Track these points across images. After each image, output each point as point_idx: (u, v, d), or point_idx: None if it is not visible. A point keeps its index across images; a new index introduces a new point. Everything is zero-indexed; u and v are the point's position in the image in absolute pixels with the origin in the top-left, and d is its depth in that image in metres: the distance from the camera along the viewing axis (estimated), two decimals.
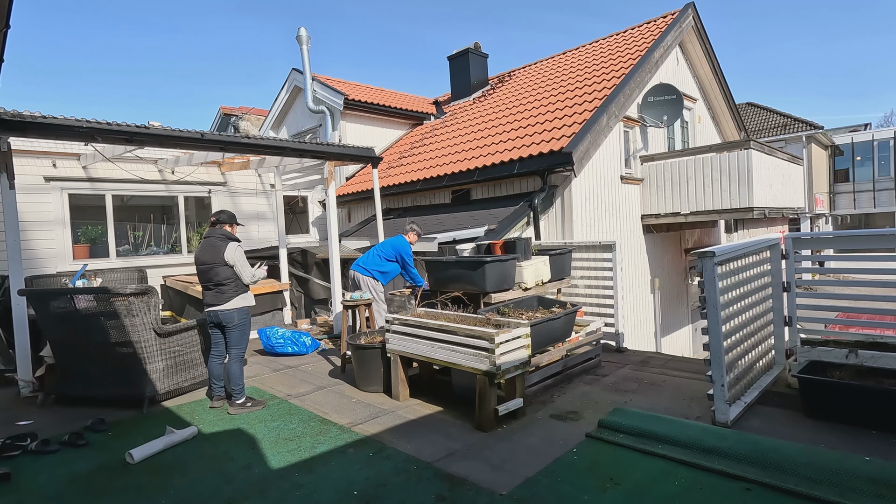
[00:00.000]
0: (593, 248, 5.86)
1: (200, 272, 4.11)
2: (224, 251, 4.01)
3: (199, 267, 4.10)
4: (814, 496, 2.39)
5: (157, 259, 8.45)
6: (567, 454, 3.03)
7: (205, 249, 4.08)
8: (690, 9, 9.88)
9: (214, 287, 4.06)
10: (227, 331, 4.13)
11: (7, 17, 2.64)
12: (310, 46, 11.10)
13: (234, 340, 4.14)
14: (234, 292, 4.08)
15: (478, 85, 12.97)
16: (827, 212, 22.36)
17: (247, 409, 4.05)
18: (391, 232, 8.16)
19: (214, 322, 4.14)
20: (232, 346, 4.15)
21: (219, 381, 4.23)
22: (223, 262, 4.01)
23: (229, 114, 18.33)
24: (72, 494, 2.83)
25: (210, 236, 4.13)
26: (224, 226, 4.20)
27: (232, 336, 4.13)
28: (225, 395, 4.21)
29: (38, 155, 7.38)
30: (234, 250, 4.06)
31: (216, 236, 4.11)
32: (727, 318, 3.46)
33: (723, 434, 3.05)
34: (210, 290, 4.08)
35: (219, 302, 4.05)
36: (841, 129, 26.45)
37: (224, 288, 4.04)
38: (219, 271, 4.02)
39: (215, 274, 4.02)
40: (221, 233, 4.14)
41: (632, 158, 8.65)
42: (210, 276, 4.04)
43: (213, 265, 4.02)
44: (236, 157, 8.26)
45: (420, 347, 3.93)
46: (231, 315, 4.07)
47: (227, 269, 4.04)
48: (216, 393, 4.22)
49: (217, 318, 4.10)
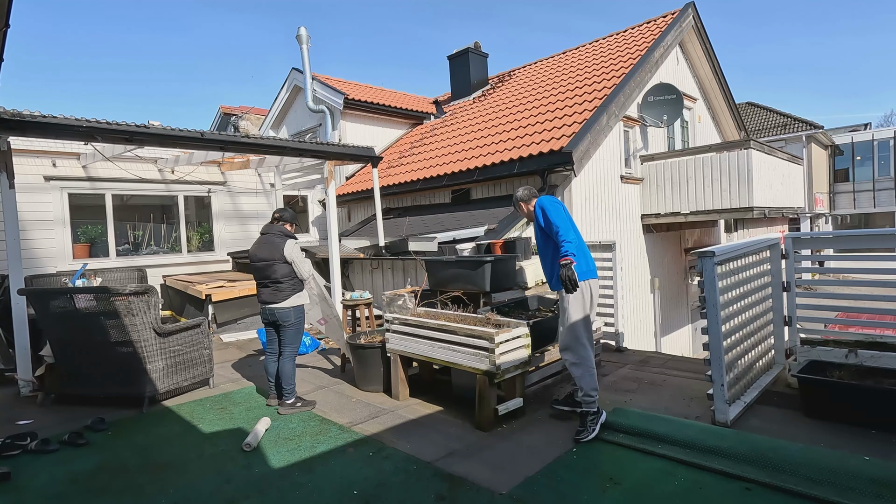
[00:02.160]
0: (593, 247, 5.83)
1: (257, 269, 4.04)
2: (283, 248, 3.97)
3: (255, 264, 4.04)
4: (814, 496, 2.39)
5: (156, 259, 8.46)
6: (567, 454, 3.03)
7: (262, 246, 4.02)
8: (690, 8, 9.88)
9: (272, 284, 4.00)
10: (282, 329, 4.08)
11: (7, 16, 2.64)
12: (310, 46, 11.10)
13: (288, 339, 4.08)
14: (290, 290, 4.03)
15: (478, 84, 12.97)
16: (827, 212, 22.36)
17: (297, 409, 3.98)
18: (391, 232, 8.16)
19: (270, 320, 4.10)
20: (286, 345, 4.09)
21: (270, 379, 4.19)
22: (282, 258, 3.96)
23: (229, 113, 18.33)
24: (72, 494, 2.83)
25: (268, 233, 4.07)
26: (285, 224, 4.16)
27: (287, 334, 4.08)
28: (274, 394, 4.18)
29: (37, 154, 7.39)
30: (293, 247, 4.02)
31: (274, 233, 4.05)
32: (727, 318, 3.46)
33: (722, 434, 3.05)
34: (267, 288, 4.02)
35: (276, 300, 4.00)
36: (841, 129, 26.45)
37: (281, 286, 3.99)
38: (277, 268, 3.96)
39: (273, 271, 3.97)
40: (280, 230, 4.08)
41: (632, 158, 8.65)
42: (268, 273, 3.98)
43: (272, 262, 3.96)
44: (236, 157, 8.26)
45: (420, 347, 3.93)
46: (288, 313, 4.03)
47: (285, 266, 3.98)
48: (271, 391, 4.19)
49: (273, 316, 4.04)
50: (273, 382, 4.19)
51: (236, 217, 9.24)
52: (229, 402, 4.30)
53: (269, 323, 4.15)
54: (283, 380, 4.04)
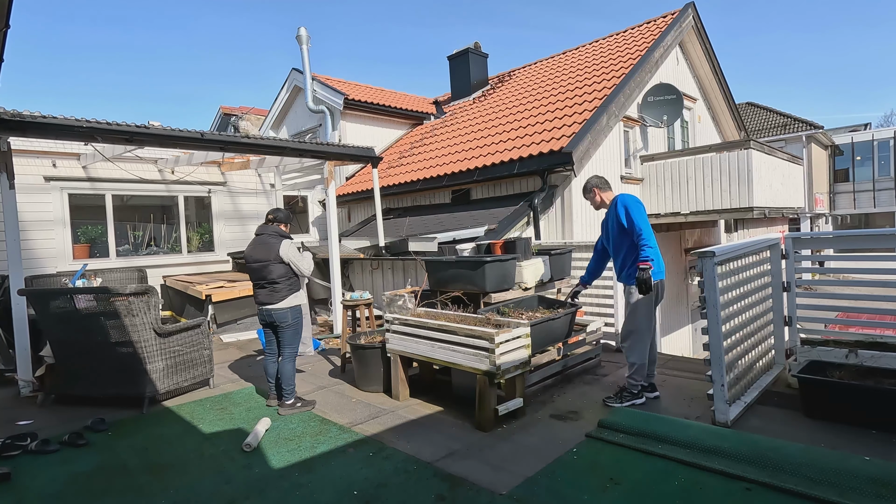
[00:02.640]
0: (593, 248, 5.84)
1: (253, 270, 4.04)
2: (279, 248, 3.97)
3: (251, 265, 4.03)
4: (814, 496, 2.39)
5: (157, 259, 8.46)
6: (567, 454, 3.03)
7: (257, 247, 4.03)
8: (690, 8, 9.88)
9: (268, 285, 3.99)
10: (280, 330, 4.08)
11: (7, 17, 2.64)
12: (310, 46, 11.10)
13: (287, 339, 4.09)
14: (287, 291, 4.02)
15: (478, 85, 12.97)
16: (827, 212, 22.36)
17: (297, 409, 3.99)
18: (391, 232, 8.16)
19: (267, 321, 4.10)
20: (285, 346, 4.10)
21: (270, 380, 4.21)
22: (278, 259, 3.96)
23: (229, 114, 18.33)
24: (72, 494, 2.83)
25: (262, 233, 4.08)
26: (280, 224, 4.17)
27: (285, 335, 4.08)
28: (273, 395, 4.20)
29: (38, 155, 7.39)
30: (289, 247, 4.02)
31: (269, 233, 4.06)
32: (727, 318, 3.46)
33: (723, 434, 3.05)
34: (264, 289, 4.02)
35: (272, 300, 4.00)
36: (841, 129, 26.46)
37: (278, 286, 3.99)
38: (272, 269, 3.96)
39: (269, 272, 3.97)
40: (274, 230, 4.09)
41: (632, 158, 8.65)
42: (263, 274, 3.98)
43: (267, 262, 3.96)
44: (236, 157, 8.26)
45: (420, 347, 3.93)
46: (285, 314, 4.03)
47: (281, 266, 3.98)
48: (271, 392, 4.21)
49: (270, 317, 4.04)
50: (273, 383, 4.20)
51: (236, 217, 9.24)
52: (229, 402, 4.30)
53: (266, 324, 4.15)
54: (282, 381, 4.04)
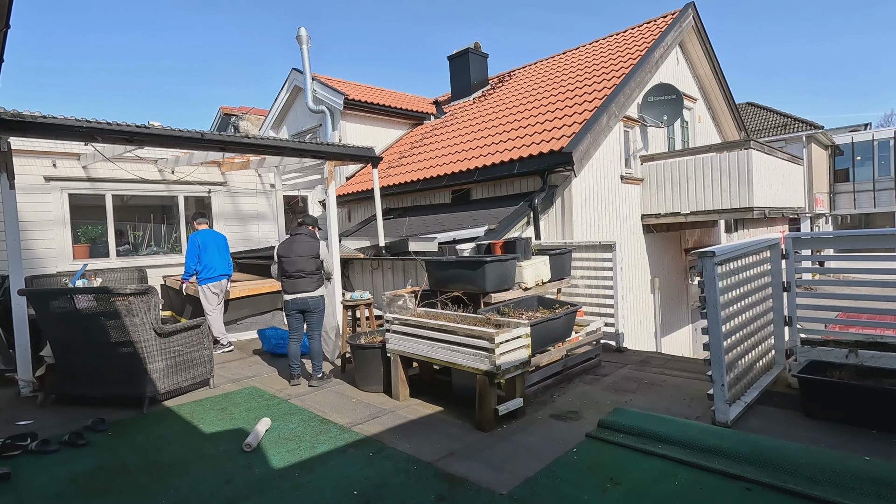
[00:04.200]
0: (593, 247, 5.86)
1: (291, 262, 4.69)
2: (319, 248, 4.80)
3: (290, 258, 4.69)
4: (814, 496, 2.39)
5: (157, 259, 8.45)
6: (567, 454, 3.03)
7: (299, 244, 4.74)
8: (690, 8, 9.88)
9: (307, 276, 4.72)
10: (310, 315, 4.81)
11: (7, 17, 2.64)
12: (310, 46, 11.10)
13: (315, 323, 4.85)
14: (319, 282, 4.83)
15: (478, 85, 12.96)
16: (827, 212, 22.36)
17: (324, 382, 4.69)
18: (392, 232, 8.16)
19: (299, 308, 4.76)
20: (315, 328, 4.84)
21: (296, 361, 4.78)
22: (317, 255, 4.77)
23: (229, 114, 18.33)
24: (72, 494, 2.83)
25: (299, 233, 4.82)
26: (311, 227, 4.93)
27: (314, 319, 4.83)
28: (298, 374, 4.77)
29: (38, 155, 7.38)
30: (325, 248, 4.87)
31: (306, 234, 4.83)
32: (727, 318, 3.46)
33: (723, 434, 3.05)
34: (302, 279, 4.71)
35: (311, 289, 4.75)
36: (841, 129, 26.44)
37: (315, 277, 4.78)
38: (311, 262, 4.73)
39: (309, 264, 4.72)
40: (310, 232, 4.87)
41: (632, 158, 8.64)
42: (302, 266, 4.69)
43: (308, 257, 4.71)
44: (236, 157, 8.26)
45: (420, 347, 3.93)
46: (318, 301, 4.82)
47: (316, 261, 4.78)
48: (294, 372, 4.75)
49: (305, 304, 4.75)
50: (297, 364, 4.78)
51: (236, 217, 9.23)
52: (229, 402, 4.30)
53: (297, 311, 4.79)
54: (313, 357, 4.76)
